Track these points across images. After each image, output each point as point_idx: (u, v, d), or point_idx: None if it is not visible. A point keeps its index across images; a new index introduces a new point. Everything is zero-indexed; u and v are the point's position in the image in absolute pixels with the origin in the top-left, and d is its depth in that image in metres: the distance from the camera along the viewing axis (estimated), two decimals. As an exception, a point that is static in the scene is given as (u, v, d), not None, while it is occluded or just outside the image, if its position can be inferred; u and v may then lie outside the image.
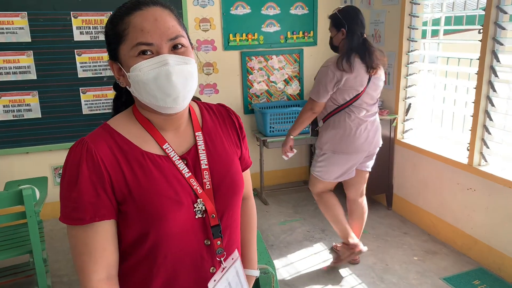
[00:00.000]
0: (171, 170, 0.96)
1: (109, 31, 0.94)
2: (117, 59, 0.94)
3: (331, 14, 2.63)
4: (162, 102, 0.91)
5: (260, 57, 4.06)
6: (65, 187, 0.91)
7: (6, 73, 3.36)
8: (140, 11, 0.90)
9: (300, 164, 4.45)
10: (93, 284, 0.90)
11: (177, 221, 0.93)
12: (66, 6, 3.39)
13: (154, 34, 0.88)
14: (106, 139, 0.93)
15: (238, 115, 1.16)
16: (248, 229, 1.22)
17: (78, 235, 0.90)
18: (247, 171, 1.19)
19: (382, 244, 3.14)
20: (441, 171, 3.12)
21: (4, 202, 2.28)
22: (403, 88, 3.46)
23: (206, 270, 1.00)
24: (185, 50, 0.93)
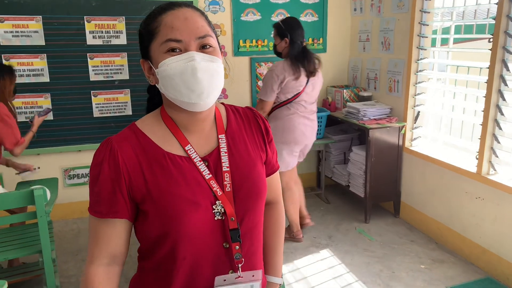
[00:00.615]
0: (191, 171, 0.97)
1: (143, 30, 0.98)
2: (148, 58, 0.98)
3: (275, 23, 3.01)
4: (186, 98, 0.92)
5: (270, 63, 4.08)
6: (90, 180, 0.98)
7: (20, 75, 3.42)
8: (172, 11, 0.94)
9: (308, 170, 4.45)
10: (93, 267, 0.98)
11: (194, 222, 0.95)
12: (80, 11, 3.46)
13: (184, 31, 0.92)
14: (131, 140, 0.97)
15: (266, 119, 1.15)
16: (274, 235, 1.20)
17: (93, 223, 0.99)
18: (275, 175, 1.18)
19: (389, 251, 3.13)
20: (450, 179, 3.11)
21: (16, 201, 2.32)
22: (412, 96, 3.47)
23: (225, 273, 1.00)
24: (212, 50, 0.95)
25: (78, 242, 3.38)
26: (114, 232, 0.97)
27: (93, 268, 0.97)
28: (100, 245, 0.97)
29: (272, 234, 1.19)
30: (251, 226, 1.03)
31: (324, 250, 3.18)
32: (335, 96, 4.12)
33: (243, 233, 1.01)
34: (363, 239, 3.32)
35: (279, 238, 1.21)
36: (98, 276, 0.97)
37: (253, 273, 1.01)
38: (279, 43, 2.97)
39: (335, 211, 3.86)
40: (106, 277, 0.98)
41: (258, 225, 1.07)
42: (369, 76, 3.99)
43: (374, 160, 3.49)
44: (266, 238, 1.17)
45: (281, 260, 1.21)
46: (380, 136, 3.47)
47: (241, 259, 1.00)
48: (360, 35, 4.09)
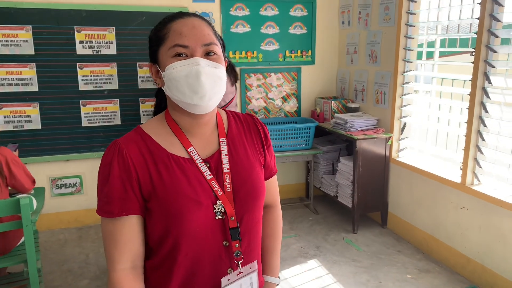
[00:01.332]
0: (193, 172, 1.02)
1: (152, 36, 1.05)
2: (156, 62, 1.04)
3: None
4: (189, 99, 0.98)
5: (259, 74, 4.13)
6: (99, 182, 1.01)
7: (9, 85, 3.42)
8: (181, 19, 1.01)
9: (297, 181, 4.48)
10: (117, 272, 0.99)
11: (196, 220, 0.99)
12: (70, 21, 3.48)
13: (191, 38, 0.98)
14: (137, 141, 1.02)
15: (265, 125, 1.21)
16: (272, 237, 1.24)
17: (108, 227, 1.00)
18: (273, 179, 1.24)
19: (376, 261, 3.15)
20: (435, 189, 3.15)
21: (2, 210, 2.30)
22: (399, 107, 3.53)
23: (224, 270, 1.04)
24: (217, 58, 1.01)
25: (64, 253, 3.34)
26: (131, 232, 1.00)
27: (117, 274, 0.99)
28: (120, 248, 0.99)
29: (269, 236, 1.24)
30: (250, 225, 1.08)
31: (312, 260, 3.19)
32: (323, 107, 4.17)
33: (243, 232, 1.06)
34: (350, 249, 3.34)
35: (277, 240, 1.26)
36: (124, 282, 0.99)
37: (250, 266, 1.08)
38: None
39: (323, 222, 3.88)
40: (133, 281, 1.00)
41: (257, 225, 1.12)
42: (357, 87, 4.06)
43: (361, 171, 3.53)
44: (264, 240, 1.22)
45: (278, 261, 1.26)
46: (367, 147, 3.52)
47: (241, 256, 1.05)
48: (348, 48, 4.16)
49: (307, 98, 4.36)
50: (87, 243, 3.49)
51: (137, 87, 3.74)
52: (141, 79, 3.72)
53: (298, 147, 3.89)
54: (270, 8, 4.05)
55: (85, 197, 3.81)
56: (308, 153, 3.92)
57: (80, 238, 3.61)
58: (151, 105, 3.79)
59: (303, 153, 3.90)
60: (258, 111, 4.21)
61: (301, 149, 3.90)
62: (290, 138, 3.85)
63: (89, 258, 3.25)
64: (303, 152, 3.89)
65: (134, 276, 1.00)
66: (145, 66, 3.73)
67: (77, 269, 3.09)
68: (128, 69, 3.69)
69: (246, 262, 1.07)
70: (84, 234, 3.69)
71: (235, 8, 3.94)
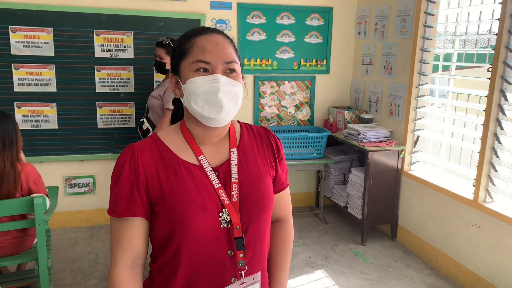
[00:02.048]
0: (202, 179, 1.05)
1: (176, 48, 1.09)
2: (177, 73, 1.08)
3: (164, 43, 3.06)
4: (207, 113, 1.02)
5: (273, 82, 4.15)
6: (111, 182, 1.06)
7: (28, 84, 3.50)
8: (205, 35, 1.05)
9: (307, 189, 4.48)
10: (117, 269, 1.03)
11: (201, 225, 1.01)
12: (90, 24, 3.55)
13: (213, 55, 1.02)
14: (151, 147, 1.07)
15: (278, 138, 1.23)
16: (282, 251, 1.24)
17: (114, 226, 1.05)
18: (285, 193, 1.24)
19: (384, 274, 3.13)
20: (447, 205, 3.12)
21: (16, 208, 2.35)
22: (412, 120, 3.50)
23: (227, 279, 1.06)
24: (236, 76, 1.05)
25: (75, 251, 3.40)
26: (135, 233, 1.04)
27: (117, 271, 1.03)
28: (122, 247, 1.03)
29: (279, 250, 1.24)
30: (255, 236, 1.09)
31: (319, 271, 3.18)
32: (337, 116, 4.17)
33: (247, 242, 1.07)
34: (358, 261, 3.32)
35: (287, 255, 1.25)
36: (122, 278, 1.03)
37: (253, 276, 1.09)
38: (168, 60, 3.03)
39: (332, 232, 3.87)
40: (130, 279, 1.04)
41: (262, 236, 1.12)
42: (371, 98, 4.04)
43: (372, 183, 3.51)
44: (274, 253, 1.22)
45: (286, 276, 1.26)
46: (379, 158, 3.50)
47: (245, 266, 1.06)
48: (363, 58, 4.15)
49: (320, 107, 4.36)
50: (98, 243, 3.54)
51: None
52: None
53: (309, 156, 3.89)
54: (286, 16, 4.07)
55: (97, 197, 3.86)
56: (320, 163, 3.92)
57: (90, 237, 3.67)
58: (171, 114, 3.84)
59: (315, 162, 3.89)
60: (271, 119, 4.23)
61: (312, 158, 3.90)
62: (302, 146, 3.86)
63: (98, 258, 3.29)
64: (314, 161, 3.89)
65: (132, 275, 1.04)
66: (161, 71, 3.77)
67: (86, 268, 3.14)
68: (144, 73, 3.74)
69: (249, 272, 1.08)
70: (95, 233, 3.74)
71: (251, 16, 3.97)
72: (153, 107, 3.07)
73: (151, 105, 3.09)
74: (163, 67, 3.08)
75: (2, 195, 2.37)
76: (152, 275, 1.10)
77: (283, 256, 1.24)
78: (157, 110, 3.05)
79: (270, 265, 1.22)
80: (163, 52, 3.04)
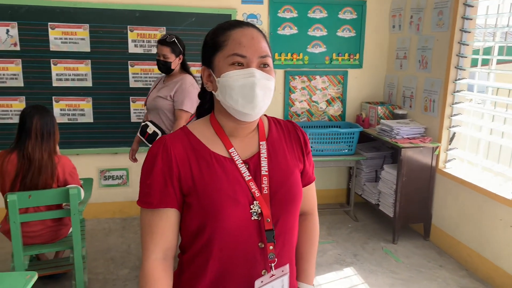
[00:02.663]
0: (233, 172, 1.05)
1: (209, 40, 1.08)
2: (209, 66, 1.07)
3: (168, 40, 2.87)
4: (241, 107, 1.02)
5: (304, 77, 4.11)
6: (143, 174, 1.06)
7: (66, 79, 3.63)
8: (240, 28, 1.04)
9: (338, 186, 4.42)
10: (150, 261, 1.04)
11: (232, 217, 1.02)
12: (124, 20, 3.63)
13: (249, 49, 1.02)
14: (182, 139, 1.07)
15: (305, 132, 1.23)
16: (308, 244, 1.25)
17: (146, 218, 1.06)
18: (311, 187, 1.24)
19: (415, 274, 3.05)
20: (483, 204, 3.00)
21: (52, 198, 2.45)
22: (448, 116, 3.38)
23: (258, 271, 1.06)
24: (269, 70, 1.05)
25: (108, 242, 3.51)
26: (167, 225, 1.05)
27: (150, 263, 1.04)
28: (155, 239, 1.04)
29: (306, 243, 1.24)
30: (285, 228, 1.10)
31: (348, 268, 3.14)
32: (369, 112, 4.08)
33: (277, 235, 1.07)
34: (389, 260, 3.25)
35: (313, 247, 1.26)
36: (156, 271, 1.04)
37: (282, 269, 1.09)
38: (174, 59, 2.88)
39: (362, 229, 3.80)
40: (163, 271, 1.05)
41: (291, 229, 1.13)
42: (405, 94, 3.93)
43: (405, 180, 3.42)
44: (300, 247, 1.23)
45: (313, 269, 1.26)
46: (412, 155, 3.40)
47: (275, 258, 1.06)
48: (398, 52, 4.04)
49: (352, 102, 4.28)
50: (130, 234, 3.64)
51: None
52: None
53: (340, 152, 3.83)
54: (318, 10, 4.01)
55: (130, 189, 3.97)
56: (351, 159, 3.86)
57: (123, 228, 3.77)
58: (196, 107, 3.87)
59: (346, 159, 3.84)
60: (301, 114, 4.19)
61: (343, 154, 3.84)
62: (333, 142, 3.80)
63: (130, 248, 3.38)
64: (345, 157, 3.83)
65: (164, 267, 1.05)
66: (193, 66, 3.81)
67: (119, 258, 3.23)
68: (176, 68, 3.79)
69: (279, 264, 1.08)
70: (128, 224, 3.85)
71: (283, 10, 3.94)
72: (161, 108, 2.89)
73: (157, 106, 2.90)
74: (169, 67, 2.89)
75: (40, 185, 2.47)
76: (182, 267, 1.11)
77: (310, 249, 1.25)
78: (165, 111, 2.89)
79: (298, 258, 1.23)
80: (168, 50, 2.85)
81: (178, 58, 2.90)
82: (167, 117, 2.91)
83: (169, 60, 2.87)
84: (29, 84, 3.59)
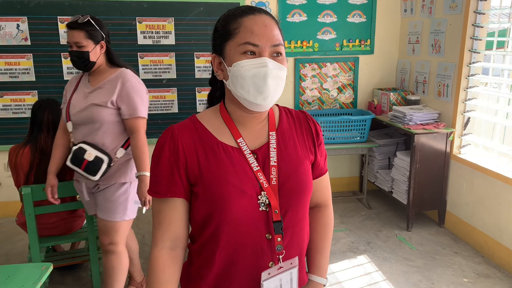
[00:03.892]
0: (240, 162, 1.04)
1: (220, 27, 1.05)
2: (220, 54, 1.05)
3: (81, 22, 2.04)
4: (253, 98, 1.00)
5: (314, 64, 4.06)
6: (152, 163, 1.08)
7: (77, 73, 3.64)
8: (252, 15, 1.01)
9: (350, 174, 4.39)
10: (157, 250, 1.06)
11: (239, 208, 1.01)
12: (133, 12, 3.63)
13: (262, 37, 0.99)
14: (190, 129, 1.07)
15: (318, 123, 1.20)
16: (322, 236, 1.23)
17: (155, 206, 1.08)
18: (324, 178, 1.22)
19: (430, 261, 3.02)
20: (500, 190, 2.94)
21: (66, 190, 2.48)
22: (462, 101, 3.31)
23: (265, 262, 1.05)
24: (282, 59, 1.03)
25: (123, 232, 3.54)
26: (175, 214, 1.05)
27: (157, 251, 1.06)
28: (162, 228, 1.06)
29: (319, 236, 1.22)
30: (294, 220, 1.08)
31: (361, 256, 3.13)
32: (381, 99, 4.02)
33: (285, 227, 1.06)
34: (403, 247, 3.23)
35: (327, 240, 1.24)
36: (162, 259, 1.05)
37: (291, 261, 1.08)
38: (93, 48, 2.07)
39: (376, 217, 3.78)
40: (170, 260, 1.06)
41: (301, 221, 1.11)
42: (418, 79, 3.86)
43: (419, 167, 3.38)
44: (314, 239, 1.21)
45: (327, 262, 1.24)
46: (426, 141, 3.35)
47: (282, 250, 1.05)
48: (410, 37, 3.96)
49: (364, 89, 4.22)
50: (144, 224, 3.68)
51: (194, 77, 3.84)
52: (198, 69, 3.80)
53: (352, 139, 3.80)
54: (328, -4, 3.95)
55: (143, 181, 3.99)
56: (363, 146, 3.82)
57: (137, 219, 3.80)
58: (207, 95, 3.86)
59: (358, 146, 3.80)
60: (312, 102, 4.15)
61: (356, 141, 3.81)
62: (344, 130, 3.77)
63: (144, 239, 3.42)
64: (357, 145, 3.79)
65: (171, 256, 1.06)
66: (202, 56, 3.80)
67: (133, 249, 3.26)
68: (185, 59, 3.79)
69: (287, 257, 1.07)
70: (141, 215, 3.88)
71: (292, -3, 3.89)
72: (100, 120, 2.08)
73: (93, 119, 2.08)
74: (87, 59, 2.06)
75: (53, 178, 2.50)
76: (191, 257, 1.12)
77: (323, 242, 1.23)
78: (108, 125, 2.11)
79: (311, 250, 1.21)
80: (81, 36, 2.04)
81: (100, 46, 2.10)
82: (112, 132, 2.14)
83: (86, 49, 2.05)
84: (41, 78, 3.62)
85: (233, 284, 1.06)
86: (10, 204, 3.76)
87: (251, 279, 1.05)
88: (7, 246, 3.31)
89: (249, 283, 1.06)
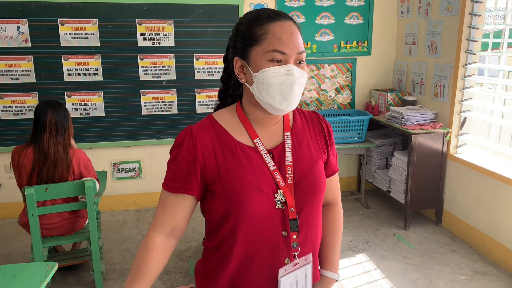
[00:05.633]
0: (257, 161, 1.07)
1: (245, 31, 1.05)
2: (243, 57, 1.06)
3: None
4: (278, 104, 1.03)
5: (312, 66, 4.11)
6: (170, 159, 1.10)
7: (77, 74, 3.67)
8: (279, 22, 1.02)
9: (348, 174, 4.43)
10: (155, 234, 1.09)
11: (256, 205, 1.04)
12: (132, 14, 3.66)
13: (289, 45, 1.01)
14: (208, 128, 1.09)
15: (329, 123, 1.24)
16: (333, 233, 1.27)
17: (164, 195, 1.11)
18: (335, 177, 1.26)
19: (428, 259, 3.06)
20: (496, 189, 2.99)
21: (69, 191, 2.51)
22: (459, 101, 3.36)
23: (281, 259, 1.08)
24: (304, 66, 1.06)
25: (123, 233, 3.57)
26: (180, 207, 1.09)
27: (154, 235, 1.09)
28: (165, 215, 1.09)
29: (330, 232, 1.26)
30: (308, 218, 1.11)
31: (360, 255, 3.16)
32: (379, 99, 4.07)
33: (301, 224, 1.09)
34: (401, 246, 3.27)
35: (338, 237, 1.28)
36: (156, 243, 1.09)
37: (306, 258, 1.11)
38: None
39: (374, 216, 3.82)
40: (163, 246, 1.09)
41: (315, 219, 1.15)
42: (415, 80, 3.91)
43: (416, 166, 3.42)
44: (325, 236, 1.25)
45: (338, 257, 1.28)
46: (423, 141, 3.40)
47: (298, 247, 1.08)
48: (406, 38, 4.01)
49: (361, 90, 4.27)
50: (144, 225, 3.70)
51: (193, 78, 3.87)
52: (197, 70, 3.83)
53: (350, 140, 3.84)
54: (326, -2, 3.99)
55: (143, 182, 4.02)
56: (361, 147, 3.86)
57: (138, 219, 3.83)
58: (207, 96, 3.89)
59: (356, 146, 3.84)
60: (310, 103, 4.19)
61: (353, 142, 3.85)
62: (342, 130, 3.81)
63: (145, 239, 3.44)
64: (355, 145, 3.83)
65: (165, 244, 1.10)
66: (201, 58, 3.83)
67: (134, 249, 3.29)
68: (185, 60, 3.82)
69: (302, 254, 1.10)
70: (142, 216, 3.91)
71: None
72: None
73: None
74: None
75: (56, 178, 2.53)
76: (207, 254, 1.14)
77: (334, 238, 1.26)
78: None
79: (322, 247, 1.24)
80: None
81: None
82: None
83: None
84: (41, 80, 3.64)
85: (250, 280, 1.09)
86: (11, 205, 3.78)
87: (268, 275, 1.08)
88: (8, 247, 3.33)
89: (266, 279, 1.09)
